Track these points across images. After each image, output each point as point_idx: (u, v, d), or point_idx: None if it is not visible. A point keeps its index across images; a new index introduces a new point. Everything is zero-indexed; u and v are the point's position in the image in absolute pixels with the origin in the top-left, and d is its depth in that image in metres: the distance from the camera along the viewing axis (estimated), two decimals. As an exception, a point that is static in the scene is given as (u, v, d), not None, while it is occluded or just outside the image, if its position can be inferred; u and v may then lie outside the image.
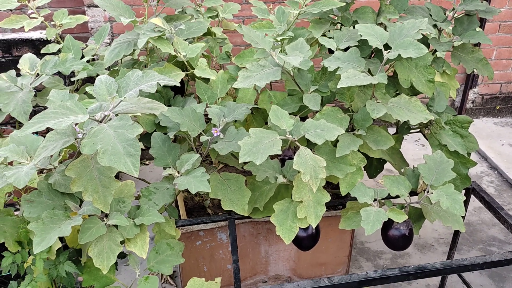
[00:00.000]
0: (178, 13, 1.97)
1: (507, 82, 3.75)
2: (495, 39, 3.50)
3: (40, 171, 1.46)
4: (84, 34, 3.13)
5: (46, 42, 2.49)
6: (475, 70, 1.82)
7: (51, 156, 1.45)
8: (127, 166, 1.04)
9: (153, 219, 1.37)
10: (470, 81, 3.61)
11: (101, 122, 1.16)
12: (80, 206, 1.31)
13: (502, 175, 3.22)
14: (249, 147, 1.32)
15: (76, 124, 1.26)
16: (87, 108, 1.14)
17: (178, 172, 1.48)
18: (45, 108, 1.19)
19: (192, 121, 1.54)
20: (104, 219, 1.31)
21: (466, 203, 1.93)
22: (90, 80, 2.17)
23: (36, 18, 1.94)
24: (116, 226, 1.32)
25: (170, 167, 1.52)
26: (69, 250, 1.43)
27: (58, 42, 2.00)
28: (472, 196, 1.90)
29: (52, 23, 1.99)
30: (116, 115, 1.18)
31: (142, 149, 1.64)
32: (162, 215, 1.42)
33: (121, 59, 2.08)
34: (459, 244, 2.52)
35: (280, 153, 1.33)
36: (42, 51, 1.99)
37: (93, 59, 2.05)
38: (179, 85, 1.29)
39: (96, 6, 2.92)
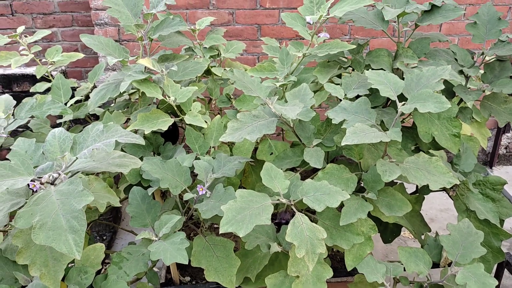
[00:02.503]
0: (175, 53, 1.82)
1: (544, 127, 3.43)
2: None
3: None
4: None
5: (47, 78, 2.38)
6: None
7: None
8: (68, 244, 0.84)
9: (119, 294, 1.16)
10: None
11: (53, 184, 0.98)
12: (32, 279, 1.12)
13: (541, 232, 2.86)
14: (233, 214, 1.11)
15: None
16: (36, 167, 0.96)
17: (156, 235, 1.28)
18: None
19: (175, 176, 1.35)
20: (60, 294, 1.11)
21: (499, 276, 1.64)
22: (79, 121, 2.03)
23: (26, 55, 1.83)
24: (74, 302, 1.12)
25: (149, 229, 1.33)
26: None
27: (49, 81, 1.88)
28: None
29: (44, 60, 1.88)
30: (74, 175, 1.00)
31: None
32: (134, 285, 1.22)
33: (115, 99, 1.94)
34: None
35: (268, 222, 1.11)
36: (31, 90, 1.88)
37: (87, 99, 1.91)
38: (143, 143, 1.11)
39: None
